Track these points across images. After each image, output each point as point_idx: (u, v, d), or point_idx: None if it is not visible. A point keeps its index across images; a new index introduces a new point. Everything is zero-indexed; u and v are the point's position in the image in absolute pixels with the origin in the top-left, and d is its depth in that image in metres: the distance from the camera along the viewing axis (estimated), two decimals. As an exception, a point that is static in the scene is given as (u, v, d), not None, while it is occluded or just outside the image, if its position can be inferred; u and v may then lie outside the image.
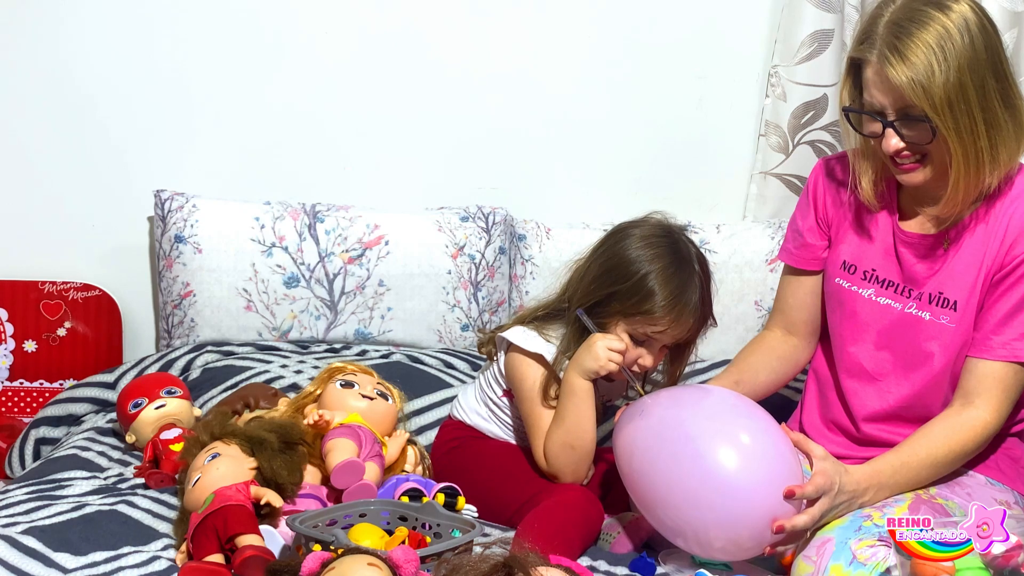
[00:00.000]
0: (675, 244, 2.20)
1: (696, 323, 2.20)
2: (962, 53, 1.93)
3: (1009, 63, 2.01)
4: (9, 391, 2.88)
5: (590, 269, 2.23)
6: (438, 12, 2.87)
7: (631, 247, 2.18)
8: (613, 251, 2.20)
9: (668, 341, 2.20)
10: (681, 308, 2.15)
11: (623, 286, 2.16)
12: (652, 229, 2.21)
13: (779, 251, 2.33)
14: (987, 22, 1.98)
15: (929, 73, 1.92)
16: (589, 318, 2.18)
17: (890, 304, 2.13)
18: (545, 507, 2.08)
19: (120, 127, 2.85)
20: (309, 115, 2.89)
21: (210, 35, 2.84)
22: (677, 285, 2.15)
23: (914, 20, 1.94)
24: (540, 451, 2.21)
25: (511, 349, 2.26)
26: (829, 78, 2.86)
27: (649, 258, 2.16)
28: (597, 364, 2.14)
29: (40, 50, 2.81)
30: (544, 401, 2.21)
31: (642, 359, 2.19)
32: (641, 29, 2.92)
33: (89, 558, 1.94)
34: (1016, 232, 2.03)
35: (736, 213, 3.00)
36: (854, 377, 2.18)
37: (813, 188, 2.25)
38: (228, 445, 2.09)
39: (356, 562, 1.68)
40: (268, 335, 2.78)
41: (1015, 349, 2.03)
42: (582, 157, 2.96)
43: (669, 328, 2.16)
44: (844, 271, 2.19)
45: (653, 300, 2.14)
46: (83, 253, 2.90)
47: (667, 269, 2.15)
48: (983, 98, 1.95)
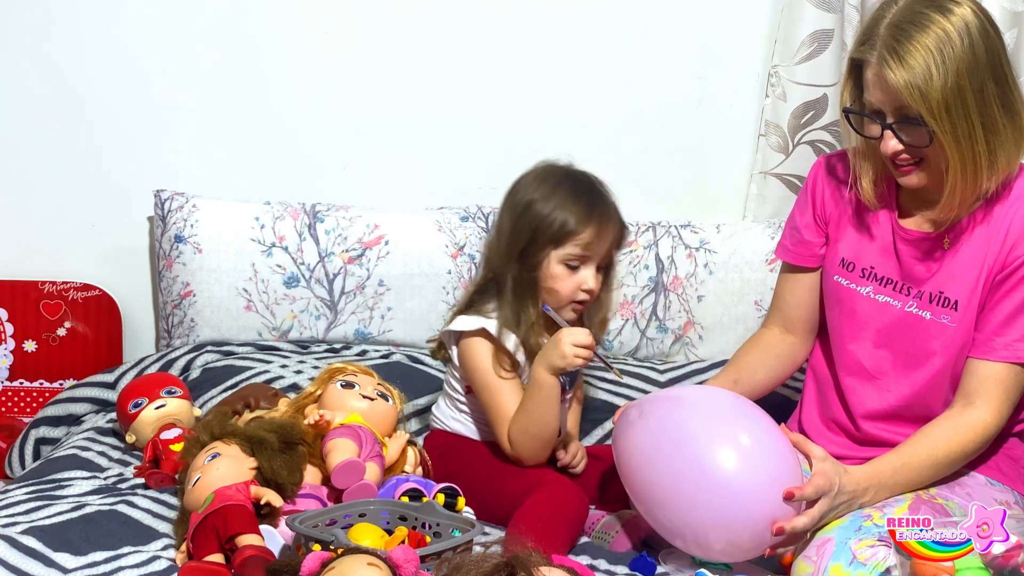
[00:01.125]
0: (566, 171, 2.30)
1: (616, 230, 2.27)
2: (961, 57, 1.92)
3: (1011, 66, 2.01)
4: (9, 391, 2.88)
5: (501, 231, 2.29)
6: (438, 12, 2.87)
7: (529, 192, 2.26)
8: (514, 203, 2.28)
9: (598, 257, 2.25)
10: (598, 215, 2.23)
11: (538, 225, 2.23)
12: (539, 170, 2.30)
13: (776, 248, 2.33)
14: (989, 25, 1.97)
15: (927, 77, 1.91)
16: (553, 310, 2.24)
17: (888, 302, 2.13)
18: (531, 503, 2.09)
19: (120, 127, 2.85)
20: (309, 115, 2.89)
21: (210, 35, 2.84)
22: (585, 199, 2.24)
23: (914, 23, 1.94)
24: (504, 437, 2.25)
25: (459, 340, 2.29)
26: (829, 78, 2.85)
27: (549, 190, 2.25)
28: (564, 361, 2.17)
29: (39, 49, 2.81)
30: (498, 376, 2.25)
31: (584, 284, 2.24)
32: (641, 29, 2.92)
33: (89, 558, 1.93)
34: (1017, 233, 2.02)
35: (736, 213, 3.00)
36: (853, 375, 2.18)
37: (812, 185, 2.25)
38: (228, 445, 2.09)
39: (356, 562, 1.68)
40: (268, 335, 2.78)
41: (1017, 350, 2.03)
42: (582, 157, 2.94)
43: (595, 240, 2.23)
44: (843, 268, 2.19)
45: (570, 219, 2.22)
46: (83, 253, 2.90)
47: (570, 190, 2.25)
48: (981, 103, 1.94)
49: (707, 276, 2.85)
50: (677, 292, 2.85)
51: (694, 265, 2.85)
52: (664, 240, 2.85)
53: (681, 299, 2.85)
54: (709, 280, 2.85)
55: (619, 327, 2.85)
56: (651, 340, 2.87)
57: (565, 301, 2.26)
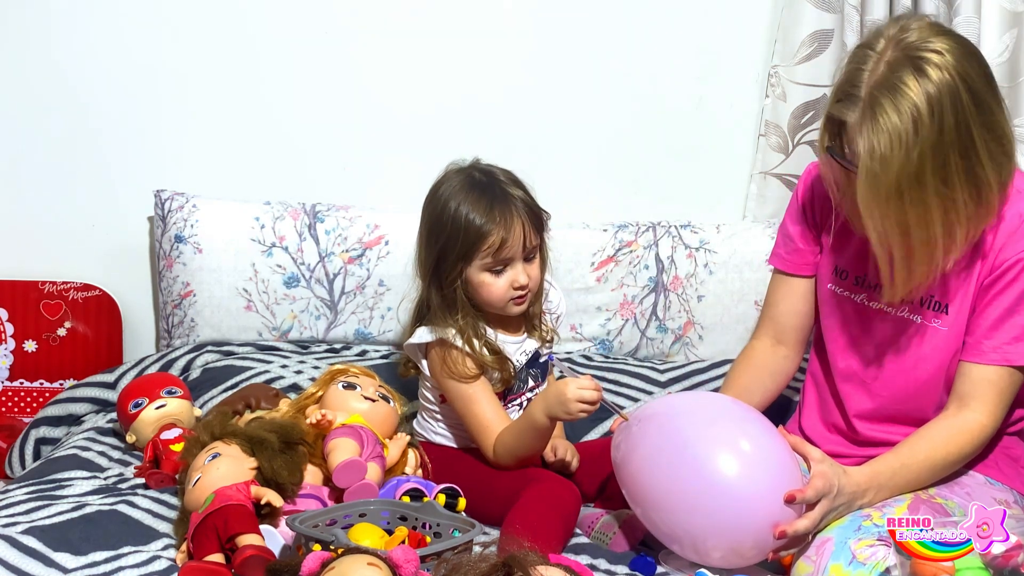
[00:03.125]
0: (464, 173, 2.27)
1: (527, 218, 2.23)
2: (926, 138, 1.86)
3: (997, 110, 1.94)
4: (9, 391, 2.88)
5: (419, 246, 2.30)
6: (438, 12, 2.87)
7: (434, 203, 2.26)
8: (424, 217, 2.29)
9: (518, 252, 2.22)
10: (501, 212, 2.20)
11: (448, 236, 2.22)
12: (443, 179, 2.29)
13: (771, 256, 2.33)
14: (969, 79, 1.90)
15: (885, 162, 1.87)
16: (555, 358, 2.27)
17: (883, 309, 2.13)
18: (524, 502, 2.09)
19: (120, 127, 2.85)
20: (309, 115, 2.89)
21: (210, 35, 2.84)
22: (486, 200, 2.21)
23: (890, 89, 1.88)
24: (488, 448, 2.25)
25: (427, 351, 2.29)
26: (829, 78, 2.85)
27: (447, 198, 2.24)
28: (566, 414, 2.14)
29: (39, 49, 2.81)
30: (468, 383, 2.24)
31: (516, 281, 2.23)
32: (641, 29, 2.92)
33: (89, 558, 1.94)
34: (1005, 236, 2.02)
35: (736, 213, 3.00)
36: (848, 381, 2.18)
37: (803, 194, 2.24)
38: (228, 445, 2.09)
39: (356, 562, 1.69)
40: (268, 335, 2.78)
41: (1007, 353, 2.03)
42: (582, 157, 2.96)
43: (508, 237, 2.20)
44: (836, 277, 2.19)
45: (474, 224, 2.20)
46: (83, 253, 2.89)
47: (468, 193, 2.22)
48: (944, 179, 1.89)
49: (707, 276, 2.85)
50: (677, 292, 2.85)
51: (694, 265, 2.85)
52: (664, 240, 2.85)
53: (681, 299, 2.85)
54: (709, 280, 2.85)
55: (619, 327, 2.85)
56: (651, 340, 2.87)
57: (503, 302, 2.25)
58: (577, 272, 2.81)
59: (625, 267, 2.83)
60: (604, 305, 2.84)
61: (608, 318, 2.85)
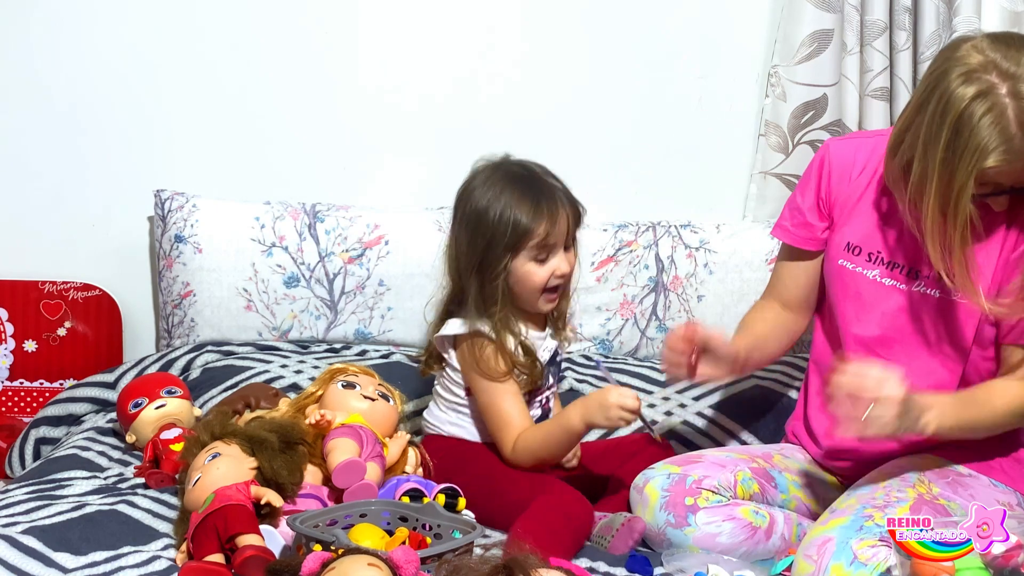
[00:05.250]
0: (507, 169, 2.28)
1: (569, 208, 2.27)
2: None
3: None
4: (9, 391, 2.88)
5: (459, 241, 2.29)
6: (437, 13, 2.87)
7: (478, 199, 2.26)
8: (467, 212, 2.28)
9: (560, 241, 2.26)
10: (548, 207, 2.23)
11: (495, 230, 2.22)
12: (484, 173, 2.29)
13: (774, 228, 2.33)
14: None
15: None
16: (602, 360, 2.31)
17: (896, 285, 2.14)
18: (535, 509, 2.08)
19: (120, 127, 2.85)
20: (309, 115, 2.89)
21: (210, 35, 2.84)
22: (531, 194, 2.23)
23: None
24: (507, 444, 2.24)
25: (457, 343, 2.29)
26: (829, 78, 2.85)
27: (496, 195, 2.24)
28: (606, 421, 2.17)
29: (39, 49, 2.81)
30: (498, 379, 2.24)
31: (558, 270, 2.26)
32: (641, 29, 2.92)
33: (89, 558, 1.93)
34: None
35: (736, 213, 3.00)
36: (861, 348, 2.17)
37: (819, 168, 2.25)
38: (228, 445, 2.09)
39: (356, 562, 1.68)
40: (268, 335, 2.78)
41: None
42: (582, 157, 2.95)
43: (552, 230, 2.23)
44: (848, 252, 2.19)
45: (523, 219, 2.21)
46: (83, 253, 2.89)
47: (515, 190, 2.24)
48: None
49: (707, 276, 2.85)
50: (677, 292, 2.85)
51: (694, 265, 2.85)
52: (664, 240, 2.85)
53: (681, 299, 2.85)
54: (709, 280, 2.85)
55: (619, 327, 2.85)
56: (651, 340, 2.87)
57: (538, 293, 2.26)
58: (577, 272, 2.81)
59: (625, 267, 2.83)
60: (604, 305, 2.84)
61: (608, 318, 2.85)
